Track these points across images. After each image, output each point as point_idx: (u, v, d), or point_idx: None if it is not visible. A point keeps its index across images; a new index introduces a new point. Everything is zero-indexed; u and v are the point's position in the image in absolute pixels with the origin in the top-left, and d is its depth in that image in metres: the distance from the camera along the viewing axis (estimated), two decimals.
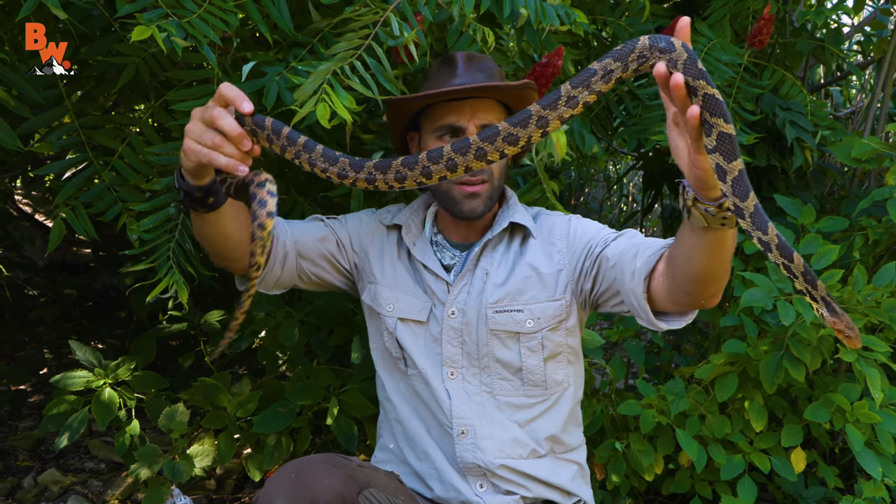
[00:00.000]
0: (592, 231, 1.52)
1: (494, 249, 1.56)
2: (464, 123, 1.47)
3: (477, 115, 1.48)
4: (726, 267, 1.24)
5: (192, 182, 1.28)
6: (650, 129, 2.17)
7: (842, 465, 2.49)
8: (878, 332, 2.03)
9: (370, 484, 1.34)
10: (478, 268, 1.54)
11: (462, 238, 1.60)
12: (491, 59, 1.57)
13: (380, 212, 1.67)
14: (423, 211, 1.64)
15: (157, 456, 2.15)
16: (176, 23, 1.39)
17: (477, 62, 1.53)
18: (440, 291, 1.54)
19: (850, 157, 2.20)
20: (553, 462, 1.54)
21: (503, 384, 1.52)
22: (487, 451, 1.48)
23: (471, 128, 1.47)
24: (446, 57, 1.56)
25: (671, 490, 2.23)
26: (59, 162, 1.82)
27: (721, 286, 1.27)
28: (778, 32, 2.48)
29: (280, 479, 1.27)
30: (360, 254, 1.63)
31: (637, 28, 2.28)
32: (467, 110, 1.48)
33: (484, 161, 1.18)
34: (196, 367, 2.95)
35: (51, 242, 1.75)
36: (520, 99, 1.50)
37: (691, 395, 2.11)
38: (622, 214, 4.98)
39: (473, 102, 1.48)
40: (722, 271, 1.23)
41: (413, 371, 1.56)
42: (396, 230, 1.62)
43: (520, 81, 1.48)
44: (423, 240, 1.59)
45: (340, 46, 1.51)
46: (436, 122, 1.50)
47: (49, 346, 3.42)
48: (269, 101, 1.60)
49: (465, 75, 1.50)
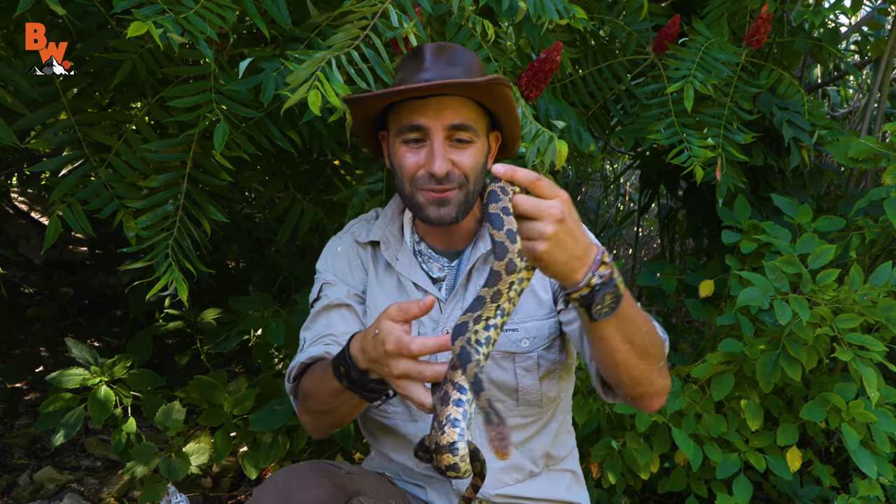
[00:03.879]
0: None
1: (486, 261, 1.42)
2: (427, 123, 1.32)
3: (443, 114, 1.32)
4: (632, 363, 1.17)
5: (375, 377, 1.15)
6: (647, 128, 2.17)
7: (837, 464, 2.49)
8: (875, 331, 2.03)
9: (359, 492, 1.31)
10: (470, 283, 1.42)
11: (446, 245, 1.47)
12: (466, 50, 1.41)
13: (352, 230, 1.54)
14: (398, 217, 1.50)
15: (154, 454, 2.15)
16: (172, 19, 1.38)
17: (448, 53, 1.37)
18: (432, 309, 1.43)
19: (847, 157, 2.20)
20: (547, 477, 1.49)
21: (497, 406, 1.39)
22: (485, 484, 1.39)
23: (436, 128, 1.32)
24: (415, 49, 1.41)
25: (667, 489, 2.23)
26: (56, 159, 1.81)
27: (647, 390, 1.22)
28: (775, 32, 2.48)
29: (267, 490, 1.24)
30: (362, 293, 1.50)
31: (635, 27, 2.28)
32: (432, 109, 1.32)
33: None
34: (192, 365, 2.94)
35: (47, 240, 1.74)
36: (491, 96, 1.34)
37: (687, 393, 2.11)
38: (619, 214, 4.97)
39: (440, 100, 1.31)
40: (626, 367, 1.17)
41: (396, 409, 1.45)
42: (375, 246, 1.49)
43: (486, 77, 1.31)
44: (405, 252, 1.45)
45: (338, 37, 1.50)
46: (400, 120, 1.35)
47: (45, 344, 3.42)
48: (266, 98, 1.59)
49: (432, 69, 1.34)
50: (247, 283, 3.15)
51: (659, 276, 2.54)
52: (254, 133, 1.79)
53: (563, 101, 2.11)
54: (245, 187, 3.16)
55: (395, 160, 1.38)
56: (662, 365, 1.24)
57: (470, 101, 1.35)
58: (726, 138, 2.13)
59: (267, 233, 3.48)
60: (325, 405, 1.28)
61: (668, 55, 2.24)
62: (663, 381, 1.24)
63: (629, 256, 4.76)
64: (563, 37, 2.10)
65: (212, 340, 2.49)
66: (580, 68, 2.38)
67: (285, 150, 1.84)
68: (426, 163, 1.33)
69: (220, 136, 1.59)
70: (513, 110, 1.40)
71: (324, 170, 2.38)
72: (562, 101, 2.11)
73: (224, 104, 1.66)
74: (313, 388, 1.31)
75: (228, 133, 1.62)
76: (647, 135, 2.15)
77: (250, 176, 2.42)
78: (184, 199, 1.77)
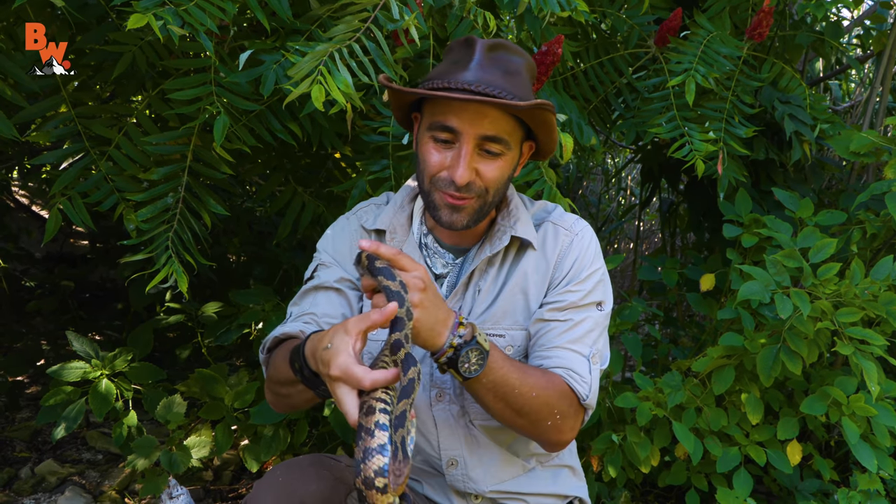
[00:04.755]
0: (567, 298, 1.36)
1: (490, 264, 1.41)
2: (460, 128, 1.25)
3: (479, 122, 1.25)
4: (509, 419, 1.27)
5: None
6: (649, 121, 2.16)
7: (837, 457, 2.50)
8: (875, 325, 2.03)
9: None
10: (471, 284, 1.39)
11: (455, 241, 1.43)
12: (520, 52, 1.32)
13: (359, 213, 1.49)
14: (409, 205, 1.46)
15: (155, 447, 2.16)
16: (172, 11, 1.38)
17: (500, 54, 1.29)
18: None
19: (849, 151, 2.19)
20: (542, 473, 1.49)
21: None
22: (479, 480, 1.42)
23: (469, 135, 1.25)
24: (467, 39, 1.32)
25: (667, 482, 2.24)
26: (56, 152, 1.81)
27: (538, 439, 1.33)
28: (777, 25, 2.47)
29: (267, 484, 1.25)
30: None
31: (637, 20, 2.27)
32: (468, 114, 1.25)
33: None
34: (193, 358, 2.95)
35: (47, 233, 1.74)
36: (532, 118, 1.29)
37: (688, 387, 2.11)
38: (620, 208, 4.97)
39: (479, 108, 1.24)
40: (504, 421, 1.28)
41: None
42: (381, 234, 1.44)
43: (530, 102, 1.23)
44: (410, 244, 1.42)
45: (339, 29, 1.50)
46: (434, 115, 1.29)
47: (46, 338, 3.43)
48: (266, 90, 1.59)
49: (478, 70, 1.25)
50: (248, 277, 3.15)
51: (660, 269, 2.55)
52: (254, 125, 1.78)
53: (564, 95, 2.10)
54: (246, 180, 3.16)
55: (420, 151, 1.33)
56: (552, 423, 1.28)
57: (510, 115, 1.28)
58: (728, 132, 2.12)
59: (268, 226, 3.48)
60: (283, 389, 1.28)
61: (669, 49, 2.24)
62: (558, 435, 1.31)
63: (630, 250, 4.76)
64: (565, 30, 2.09)
65: (213, 334, 2.49)
66: (581, 61, 2.38)
67: (286, 143, 1.84)
68: (450, 167, 1.27)
69: (220, 128, 1.58)
70: (553, 131, 1.34)
71: (325, 163, 2.38)
72: (563, 94, 2.11)
73: (224, 97, 1.66)
74: (275, 369, 1.31)
75: (229, 126, 1.61)
76: (648, 128, 2.15)
77: (251, 169, 2.42)
78: (184, 192, 1.77)
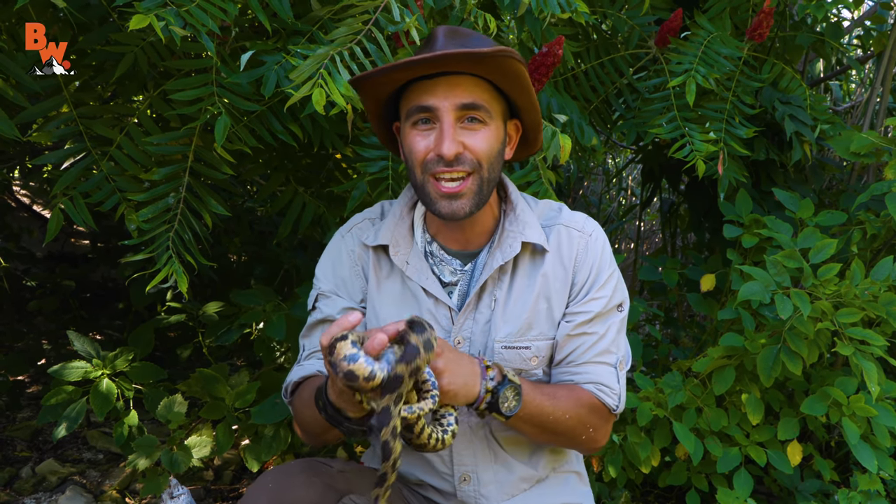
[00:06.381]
0: (592, 309, 1.36)
1: (504, 271, 1.36)
2: (436, 103, 1.23)
3: (453, 93, 1.23)
4: (550, 441, 1.37)
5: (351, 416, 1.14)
6: (649, 122, 2.17)
7: (837, 458, 2.50)
8: (876, 326, 2.03)
9: (351, 490, 1.30)
10: (485, 294, 1.36)
11: (461, 245, 1.39)
12: (483, 35, 1.32)
13: (354, 230, 1.44)
14: (408, 215, 1.41)
15: (156, 447, 2.16)
16: (174, 12, 1.38)
17: (461, 36, 1.28)
18: (443, 318, 1.36)
19: (849, 152, 2.20)
20: (554, 480, 1.47)
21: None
22: (491, 497, 1.40)
23: (446, 108, 1.23)
24: (430, 32, 1.34)
25: (668, 482, 2.24)
26: (58, 152, 1.81)
27: (577, 449, 1.44)
28: (778, 26, 2.47)
29: (258, 491, 1.24)
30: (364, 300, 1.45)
31: (637, 21, 2.27)
32: (441, 88, 1.24)
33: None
34: (194, 357, 2.95)
35: (49, 233, 1.75)
36: (503, 73, 1.25)
37: (688, 388, 2.11)
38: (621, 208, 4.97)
39: (450, 79, 1.24)
40: (548, 443, 1.40)
41: None
42: (383, 249, 1.40)
43: (492, 48, 1.21)
44: (415, 254, 1.37)
45: (340, 31, 1.50)
46: (409, 103, 1.28)
47: (47, 337, 3.43)
48: (267, 91, 1.59)
49: (441, 47, 1.25)
50: (248, 277, 3.15)
51: (660, 270, 2.55)
52: (255, 126, 1.79)
53: (565, 95, 2.11)
54: (247, 181, 3.16)
55: (405, 147, 1.31)
56: (586, 437, 1.36)
57: (483, 82, 1.26)
58: (728, 132, 2.13)
59: (268, 226, 3.49)
60: (312, 428, 1.32)
61: (670, 49, 2.24)
62: (592, 444, 1.39)
63: (631, 250, 4.76)
64: (566, 30, 2.10)
65: (213, 334, 2.49)
66: (582, 62, 2.38)
67: (287, 143, 1.84)
68: (436, 145, 1.24)
69: (221, 129, 1.59)
70: (528, 89, 1.30)
71: (325, 163, 2.38)
72: (564, 95, 2.11)
73: (226, 97, 1.66)
74: (301, 410, 1.34)
75: (230, 126, 1.62)
76: (649, 129, 2.15)
77: (252, 169, 2.42)
78: (185, 192, 1.77)
